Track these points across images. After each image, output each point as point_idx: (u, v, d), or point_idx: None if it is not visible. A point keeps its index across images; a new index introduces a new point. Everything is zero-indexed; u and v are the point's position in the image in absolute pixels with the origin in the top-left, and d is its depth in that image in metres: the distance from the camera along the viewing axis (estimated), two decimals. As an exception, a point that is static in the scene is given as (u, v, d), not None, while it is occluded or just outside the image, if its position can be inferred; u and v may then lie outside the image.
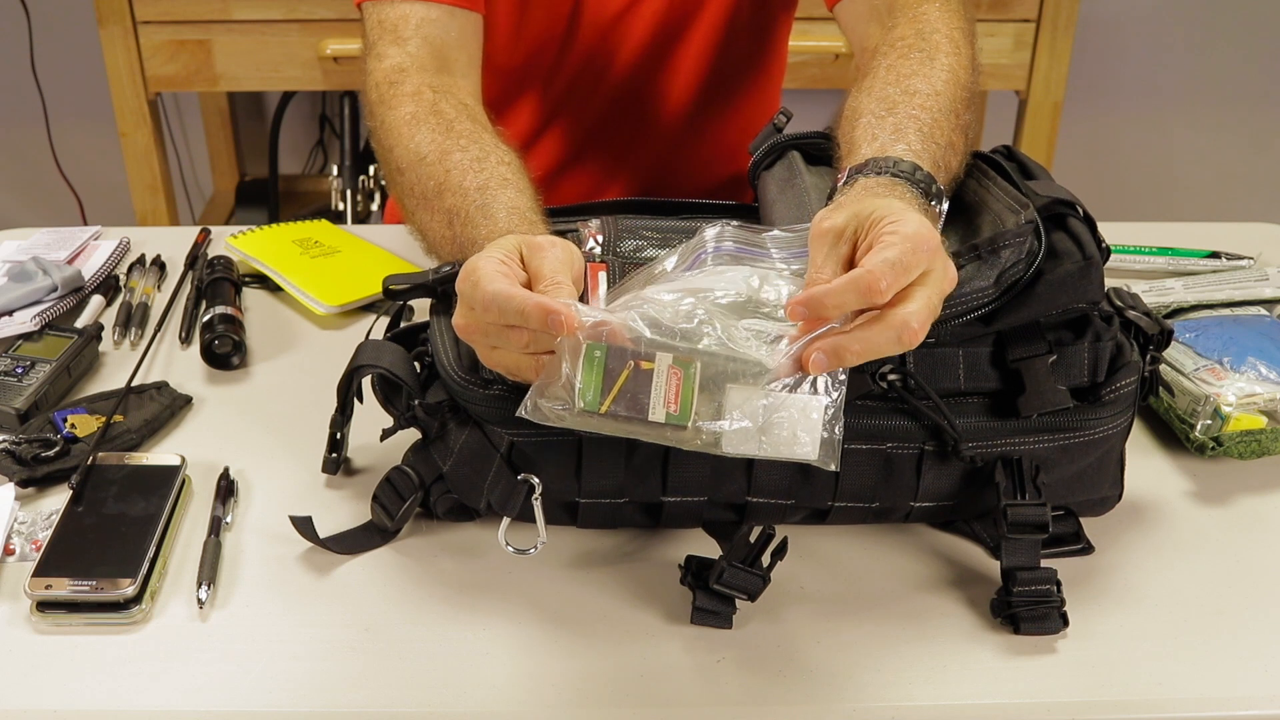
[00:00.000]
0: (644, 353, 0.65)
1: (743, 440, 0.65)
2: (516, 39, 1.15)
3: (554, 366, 0.66)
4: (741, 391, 0.65)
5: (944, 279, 0.67)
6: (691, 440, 0.65)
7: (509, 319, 0.66)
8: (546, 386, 0.66)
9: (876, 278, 0.63)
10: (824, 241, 0.68)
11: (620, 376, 0.65)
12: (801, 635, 0.73)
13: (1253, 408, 0.86)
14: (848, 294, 0.64)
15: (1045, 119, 2.04)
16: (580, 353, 0.65)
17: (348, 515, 0.82)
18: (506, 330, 0.67)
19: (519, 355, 0.68)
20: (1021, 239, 0.73)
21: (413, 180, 0.90)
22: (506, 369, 0.70)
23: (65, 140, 2.52)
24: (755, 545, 0.72)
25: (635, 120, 1.22)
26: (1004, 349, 0.75)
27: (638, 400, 0.65)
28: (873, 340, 0.64)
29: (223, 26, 1.95)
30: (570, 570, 0.78)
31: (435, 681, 0.70)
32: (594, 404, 0.65)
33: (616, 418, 0.65)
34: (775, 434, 0.65)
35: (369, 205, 2.34)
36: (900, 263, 0.64)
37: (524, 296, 0.66)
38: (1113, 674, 0.71)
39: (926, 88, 0.84)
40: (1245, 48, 2.53)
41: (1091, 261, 0.74)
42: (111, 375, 0.98)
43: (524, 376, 0.69)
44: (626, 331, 0.66)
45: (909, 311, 0.64)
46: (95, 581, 0.74)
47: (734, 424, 0.65)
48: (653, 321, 0.66)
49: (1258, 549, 0.81)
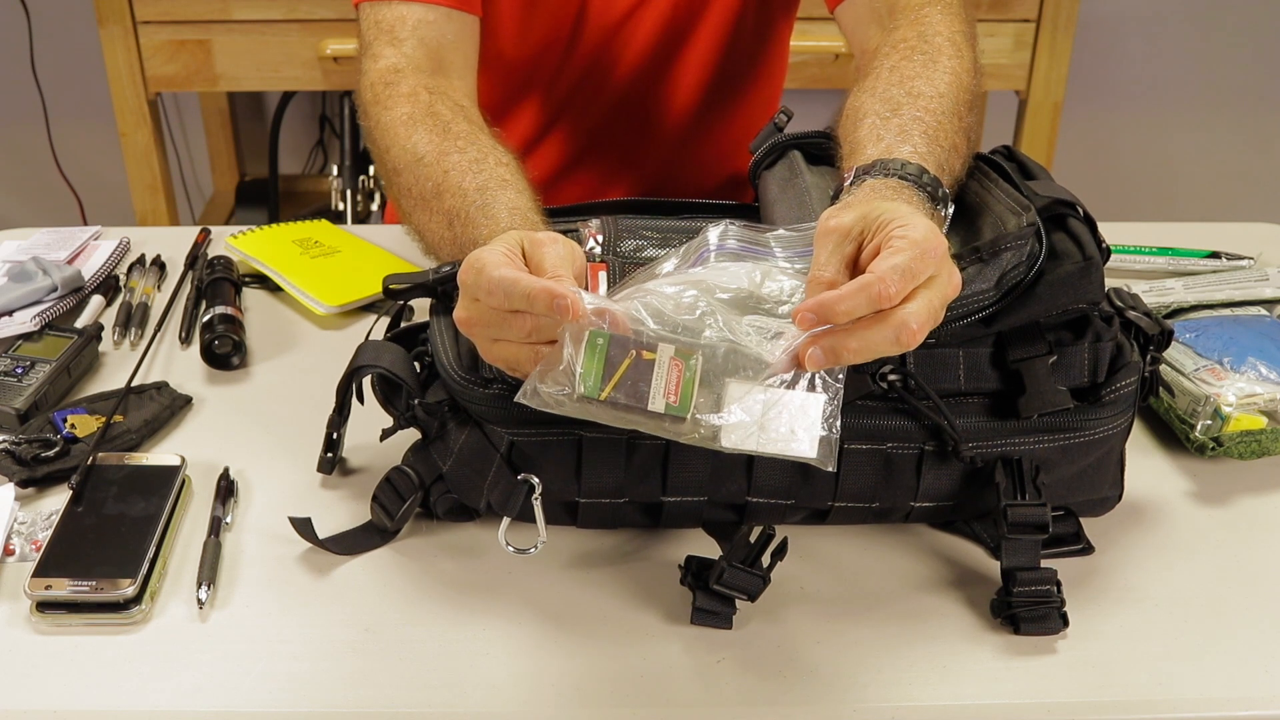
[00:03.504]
0: (646, 343, 0.65)
1: (741, 435, 0.65)
2: (521, 41, 1.15)
3: (555, 354, 0.65)
4: (741, 386, 0.65)
5: (948, 285, 0.67)
6: (690, 433, 0.65)
7: (514, 303, 0.66)
8: (547, 373, 0.66)
9: (887, 284, 0.63)
10: (829, 240, 0.68)
11: (621, 365, 0.65)
12: (801, 635, 0.73)
13: (1253, 408, 0.86)
14: (858, 299, 0.63)
15: (1045, 119, 2.04)
16: (583, 339, 0.65)
17: (347, 515, 0.82)
18: (509, 318, 0.67)
19: (519, 347, 0.68)
20: (1023, 242, 0.73)
21: (410, 181, 0.90)
22: (507, 363, 0.70)
23: (65, 140, 2.52)
24: (755, 546, 0.72)
25: (639, 122, 1.22)
26: (1004, 350, 0.75)
27: (638, 389, 0.65)
28: (870, 340, 0.64)
29: (223, 26, 1.95)
30: (570, 570, 0.78)
31: (435, 681, 0.70)
32: (594, 390, 0.65)
33: (616, 406, 0.65)
34: (773, 430, 0.65)
35: (369, 205, 2.34)
36: (909, 269, 0.64)
37: (530, 280, 0.66)
38: (1113, 674, 0.71)
39: (930, 90, 0.84)
40: (1245, 48, 2.53)
41: (1092, 262, 0.74)
42: (111, 375, 0.98)
43: (524, 370, 0.69)
44: (630, 321, 0.66)
45: (908, 312, 0.64)
46: (95, 582, 0.74)
47: (733, 418, 0.65)
48: (656, 312, 0.66)
49: (1258, 549, 0.81)
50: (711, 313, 0.67)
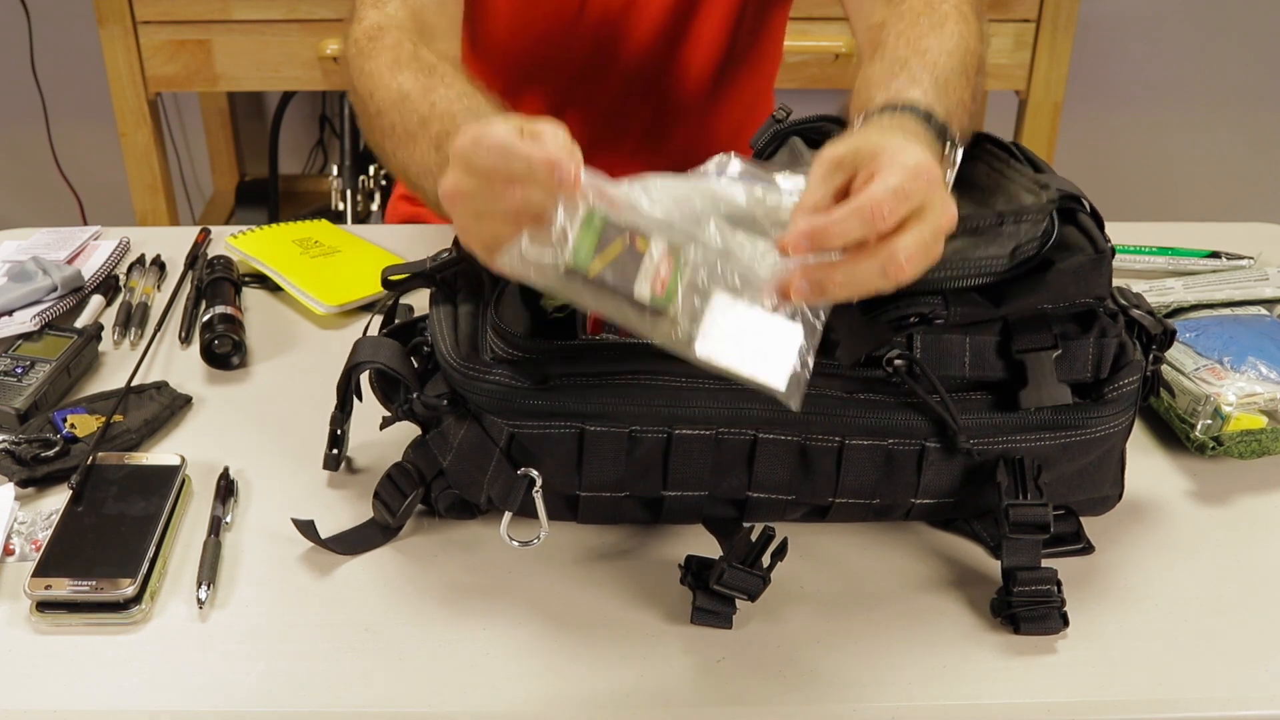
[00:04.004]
0: (642, 229, 0.64)
1: (716, 346, 0.63)
2: (523, 31, 1.15)
3: (545, 227, 0.63)
4: (725, 298, 0.63)
5: (942, 215, 0.65)
6: (667, 332, 0.63)
7: (512, 168, 0.63)
8: (536, 237, 0.63)
9: (879, 203, 0.61)
10: (821, 168, 0.67)
11: (614, 246, 0.63)
12: (801, 635, 0.73)
13: (1253, 407, 0.86)
14: (850, 222, 0.62)
15: (1045, 119, 2.04)
16: (578, 214, 0.63)
17: (348, 515, 0.82)
18: (500, 189, 0.64)
19: (502, 223, 0.65)
20: (1042, 216, 0.73)
21: (394, 119, 0.88)
22: (486, 243, 0.67)
23: (65, 140, 2.52)
24: (756, 545, 0.72)
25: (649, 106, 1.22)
26: (1010, 339, 0.75)
27: (626, 273, 0.63)
28: (857, 273, 0.62)
29: (223, 26, 1.95)
30: (570, 570, 0.78)
31: (435, 681, 0.70)
32: (583, 263, 0.62)
33: (601, 285, 0.63)
34: (748, 349, 0.63)
35: (369, 205, 2.34)
36: (902, 190, 0.62)
37: (530, 147, 0.63)
38: (1113, 674, 0.71)
39: (938, 47, 0.84)
40: (1245, 48, 2.53)
41: (1103, 255, 0.74)
42: (111, 375, 0.98)
43: None
44: (627, 208, 0.64)
45: (898, 245, 0.62)
46: (95, 581, 0.74)
47: (712, 328, 0.63)
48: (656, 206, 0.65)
49: (1258, 549, 0.81)
50: (709, 218, 0.65)
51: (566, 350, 0.73)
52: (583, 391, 0.73)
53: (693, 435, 0.74)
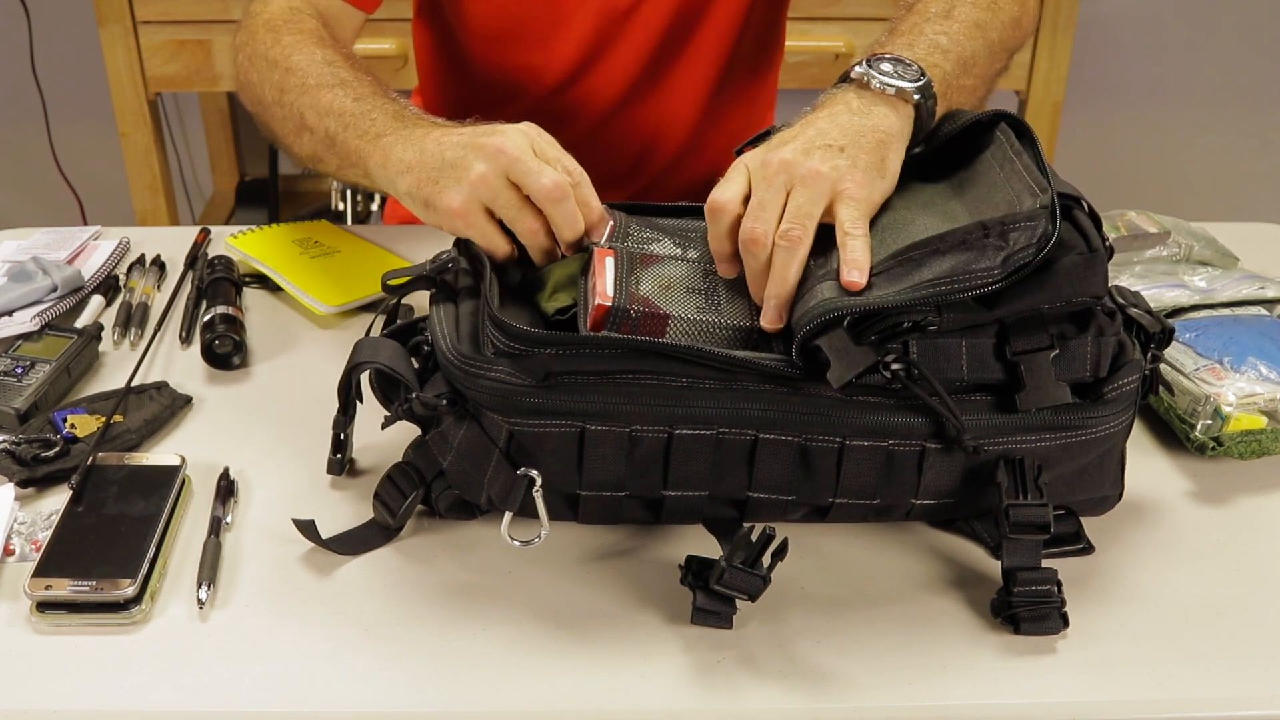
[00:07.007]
0: None
1: None
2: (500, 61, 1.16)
3: None
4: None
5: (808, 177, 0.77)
6: None
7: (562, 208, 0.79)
8: None
9: (750, 229, 0.76)
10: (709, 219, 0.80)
11: None
12: (801, 635, 0.73)
13: (1253, 408, 0.86)
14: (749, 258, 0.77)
15: (1045, 119, 2.04)
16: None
17: (348, 516, 0.82)
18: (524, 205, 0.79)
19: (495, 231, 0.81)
20: (1034, 223, 0.72)
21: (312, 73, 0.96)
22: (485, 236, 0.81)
23: (65, 140, 2.52)
24: (756, 546, 0.72)
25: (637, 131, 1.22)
26: (1007, 341, 0.75)
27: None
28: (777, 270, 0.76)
29: (223, 26, 1.95)
30: (570, 570, 0.78)
31: (435, 681, 0.70)
32: None
33: None
34: None
35: (369, 205, 2.34)
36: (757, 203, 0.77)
37: (593, 194, 0.81)
38: (1113, 674, 0.71)
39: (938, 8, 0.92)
40: (1245, 48, 2.53)
41: (1096, 254, 0.73)
42: (111, 375, 0.98)
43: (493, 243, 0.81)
44: None
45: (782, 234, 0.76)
46: (95, 582, 0.74)
47: None
48: None
49: (1258, 549, 0.81)
50: None
51: (566, 347, 0.73)
52: (583, 390, 0.73)
53: (693, 435, 0.74)
